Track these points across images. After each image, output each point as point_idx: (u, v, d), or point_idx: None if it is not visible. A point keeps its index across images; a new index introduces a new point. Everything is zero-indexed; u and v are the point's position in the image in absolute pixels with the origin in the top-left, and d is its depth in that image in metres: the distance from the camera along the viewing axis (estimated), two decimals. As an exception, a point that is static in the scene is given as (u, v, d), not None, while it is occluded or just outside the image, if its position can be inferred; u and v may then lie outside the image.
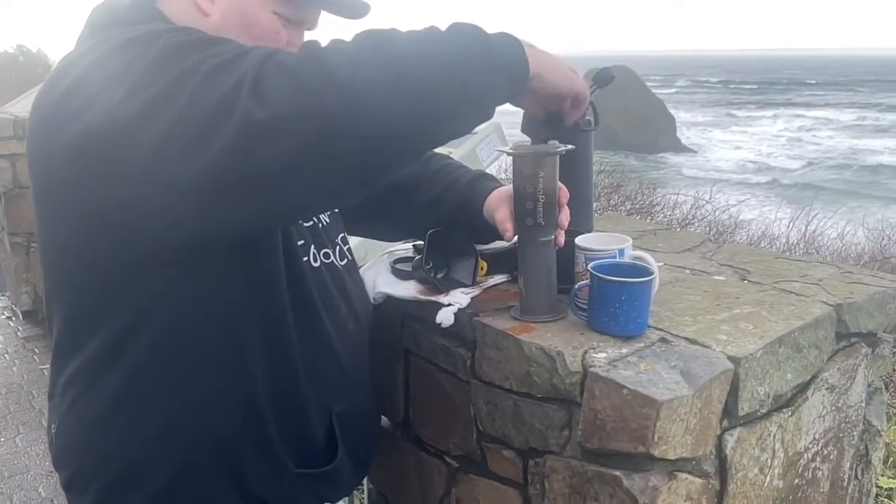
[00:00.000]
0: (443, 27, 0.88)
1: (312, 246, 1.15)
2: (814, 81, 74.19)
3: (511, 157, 1.18)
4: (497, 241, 1.50)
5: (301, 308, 1.08)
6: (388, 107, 0.80)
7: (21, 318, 4.63)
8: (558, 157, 1.17)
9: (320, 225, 1.19)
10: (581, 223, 1.51)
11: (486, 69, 0.86)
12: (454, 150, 2.32)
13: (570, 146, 1.21)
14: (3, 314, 4.83)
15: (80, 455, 1.06)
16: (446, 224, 1.30)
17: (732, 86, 70.12)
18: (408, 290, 1.30)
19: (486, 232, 1.25)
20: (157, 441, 1.02)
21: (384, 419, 1.52)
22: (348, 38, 0.85)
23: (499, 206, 1.21)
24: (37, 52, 9.96)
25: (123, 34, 0.90)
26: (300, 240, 1.12)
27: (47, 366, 3.95)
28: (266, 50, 0.82)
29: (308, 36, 1.11)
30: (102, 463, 1.04)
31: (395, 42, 0.83)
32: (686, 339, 1.08)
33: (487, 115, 0.92)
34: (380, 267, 1.41)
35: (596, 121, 1.53)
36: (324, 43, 0.85)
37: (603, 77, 1.49)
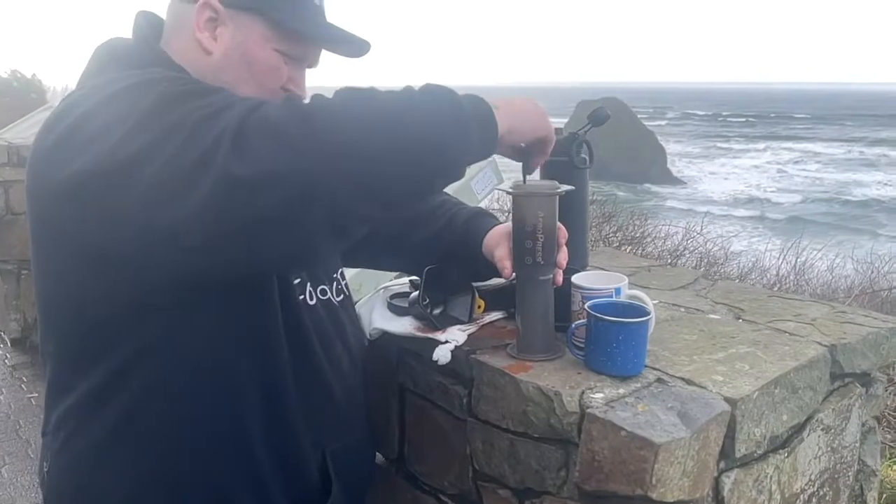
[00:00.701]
0: (417, 88, 0.90)
1: (308, 283, 1.15)
2: (801, 115, 75.20)
3: (511, 196, 1.19)
4: (494, 278, 1.51)
5: (297, 348, 1.08)
6: (370, 167, 0.82)
7: (9, 345, 4.57)
8: (558, 197, 1.18)
9: None
10: (576, 259, 1.52)
11: (461, 132, 0.89)
12: (449, 184, 2.34)
13: (569, 187, 1.23)
14: (-8, 342, 4.77)
15: (72, 495, 1.05)
16: (445, 260, 1.30)
17: (720, 118, 70.95)
18: (404, 326, 1.30)
19: (485, 269, 1.26)
20: (150, 481, 1.01)
21: (378, 455, 1.51)
22: (333, 87, 0.87)
23: (498, 244, 1.22)
24: (31, 77, 9.98)
25: (123, 80, 0.92)
26: (296, 278, 1.12)
27: (35, 394, 3.91)
28: (251, 102, 0.83)
29: (309, 72, 1.12)
30: (94, 503, 1.03)
31: (376, 105, 0.85)
32: (682, 379, 1.09)
33: (462, 174, 0.94)
34: (376, 302, 1.41)
35: (591, 158, 1.55)
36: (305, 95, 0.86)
37: (598, 116, 1.52)
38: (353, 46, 1.09)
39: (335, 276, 1.24)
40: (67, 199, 0.88)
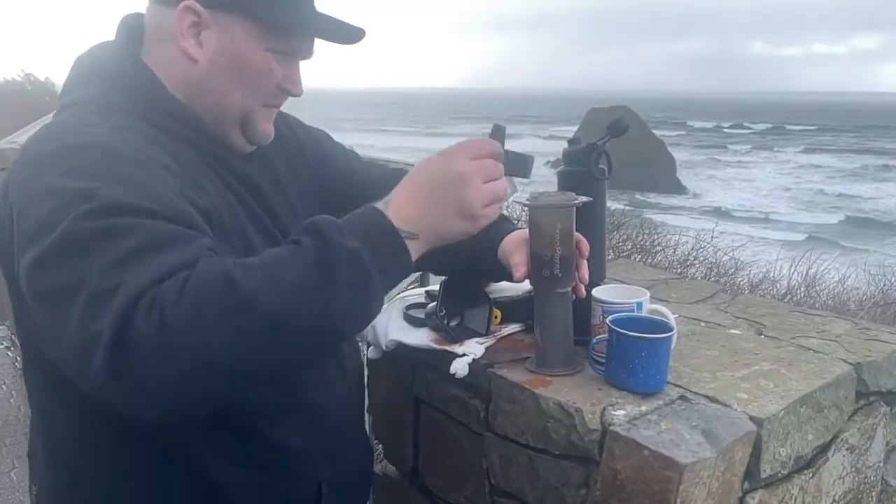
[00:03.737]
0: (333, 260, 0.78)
1: None
2: (810, 126, 74.89)
3: (528, 209, 1.18)
4: (511, 288, 1.49)
5: (283, 384, 1.00)
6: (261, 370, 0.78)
7: (20, 348, 4.58)
8: (575, 209, 1.17)
9: None
10: (595, 272, 1.50)
11: (361, 312, 0.82)
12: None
13: (587, 198, 1.21)
14: (3, 344, 4.78)
15: None
16: (462, 263, 1.20)
17: (725, 128, 70.64)
18: (421, 338, 1.28)
19: (500, 273, 1.21)
20: None
21: (391, 467, 1.49)
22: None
23: (515, 251, 1.16)
24: (45, 80, 10.05)
25: (68, 140, 0.85)
26: None
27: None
28: (137, 286, 0.72)
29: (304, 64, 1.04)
30: None
31: (255, 318, 0.73)
32: (706, 396, 1.06)
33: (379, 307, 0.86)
34: (392, 313, 1.40)
35: (610, 170, 1.53)
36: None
37: (618, 126, 1.49)
38: (346, 34, 1.01)
39: None
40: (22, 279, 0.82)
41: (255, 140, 1.02)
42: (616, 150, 1.52)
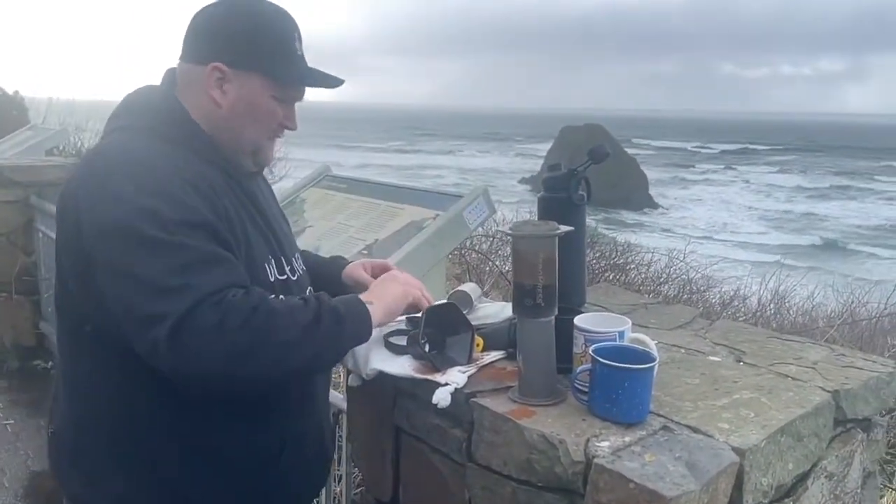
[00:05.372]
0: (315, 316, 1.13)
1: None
2: (777, 146, 76.40)
3: (511, 238, 1.18)
4: (493, 315, 1.49)
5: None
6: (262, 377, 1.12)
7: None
8: (557, 238, 1.17)
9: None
10: (575, 297, 1.50)
11: (338, 351, 1.20)
12: (441, 213, 2.31)
13: (569, 227, 1.21)
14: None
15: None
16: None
17: (691, 147, 71.59)
18: (402, 367, 1.27)
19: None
20: None
21: (370, 497, 1.47)
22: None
23: (353, 269, 1.49)
24: (14, 94, 9.86)
25: (126, 157, 1.18)
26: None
27: (11, 421, 3.79)
28: (206, 289, 1.05)
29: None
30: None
31: (274, 343, 1.09)
32: (688, 427, 1.07)
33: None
34: (372, 341, 1.38)
35: (589, 195, 1.54)
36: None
37: (597, 153, 1.51)
38: (330, 81, 1.32)
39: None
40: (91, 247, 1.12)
41: (262, 164, 1.34)
42: (590, 169, 1.53)
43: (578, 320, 1.20)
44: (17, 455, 3.44)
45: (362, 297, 1.24)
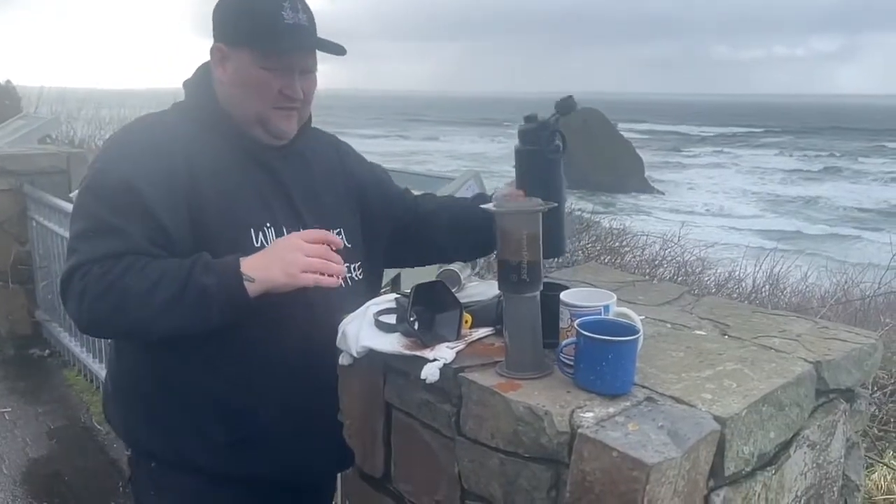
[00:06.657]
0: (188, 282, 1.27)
1: None
2: (774, 128, 76.26)
3: (495, 215, 1.19)
4: (480, 293, 1.50)
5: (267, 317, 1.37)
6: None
7: None
8: (541, 214, 1.18)
9: None
10: (554, 246, 1.45)
11: (204, 318, 1.30)
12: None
13: (553, 203, 1.23)
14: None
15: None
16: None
17: (683, 128, 71.28)
18: (392, 344, 1.29)
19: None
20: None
21: (363, 472, 1.49)
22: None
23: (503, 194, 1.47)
24: (6, 83, 9.81)
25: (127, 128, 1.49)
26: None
27: (8, 409, 3.80)
28: (79, 260, 1.29)
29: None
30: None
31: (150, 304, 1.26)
32: (672, 397, 1.09)
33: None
34: (362, 320, 1.40)
35: (564, 145, 1.48)
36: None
37: (565, 105, 1.43)
38: (327, 47, 1.39)
39: None
40: None
41: (276, 135, 1.43)
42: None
43: (564, 295, 1.21)
44: (15, 442, 3.46)
45: (245, 268, 1.27)
